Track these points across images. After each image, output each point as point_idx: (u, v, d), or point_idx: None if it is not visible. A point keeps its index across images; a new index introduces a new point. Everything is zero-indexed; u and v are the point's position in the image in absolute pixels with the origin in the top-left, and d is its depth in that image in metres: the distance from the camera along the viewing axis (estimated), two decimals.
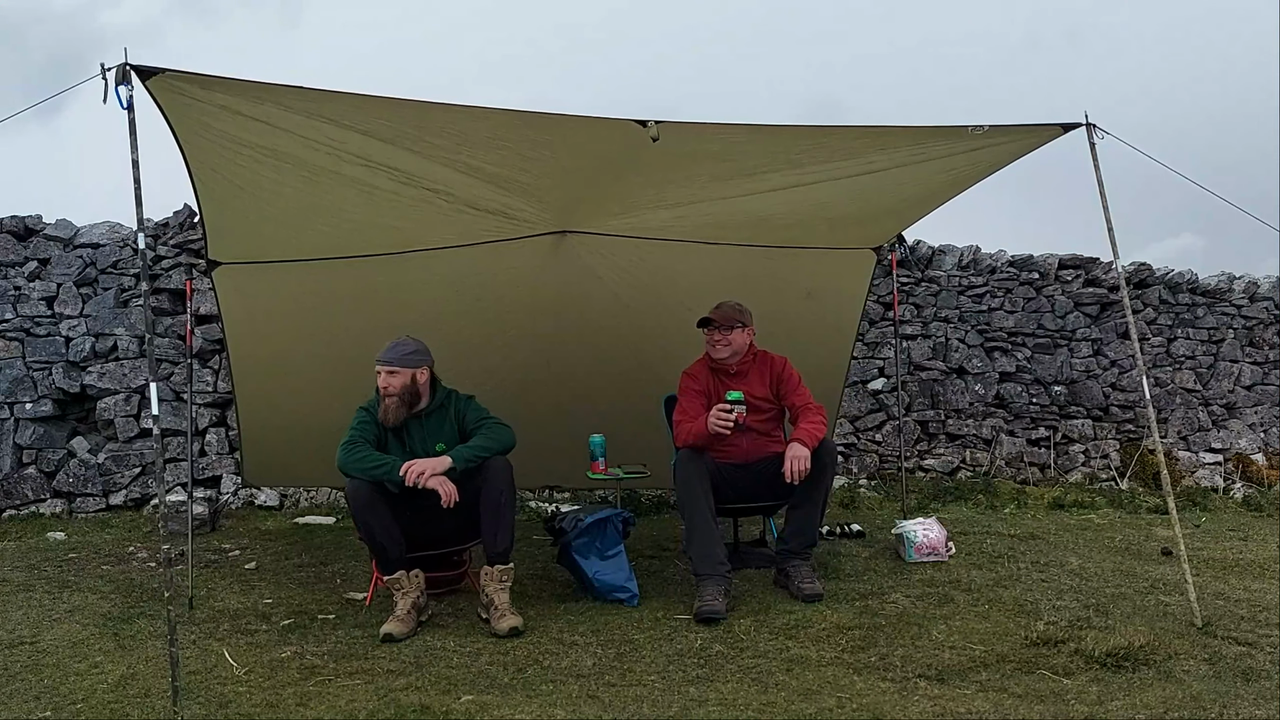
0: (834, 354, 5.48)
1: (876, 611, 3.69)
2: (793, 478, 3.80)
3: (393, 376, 3.83)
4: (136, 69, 2.68)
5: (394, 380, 3.82)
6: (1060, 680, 2.96)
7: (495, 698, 2.89)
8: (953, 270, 7.42)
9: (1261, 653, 3.19)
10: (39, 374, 6.19)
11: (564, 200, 4.16)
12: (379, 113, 3.15)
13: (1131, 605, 3.76)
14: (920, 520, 4.69)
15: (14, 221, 6.30)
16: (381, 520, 3.64)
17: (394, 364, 3.83)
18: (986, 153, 3.77)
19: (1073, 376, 7.50)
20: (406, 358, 3.85)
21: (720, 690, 2.92)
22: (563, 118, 3.19)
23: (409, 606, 3.61)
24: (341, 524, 5.70)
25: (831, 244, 4.94)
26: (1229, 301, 8.02)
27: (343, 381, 4.36)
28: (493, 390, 4.47)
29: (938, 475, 7.08)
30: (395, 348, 3.87)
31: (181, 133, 3.17)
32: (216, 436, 6.28)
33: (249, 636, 3.56)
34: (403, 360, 3.84)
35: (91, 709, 2.86)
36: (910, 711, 2.73)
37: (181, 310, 6.15)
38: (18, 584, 4.37)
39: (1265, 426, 7.93)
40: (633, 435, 4.97)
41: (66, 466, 6.14)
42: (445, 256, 4.42)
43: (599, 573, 3.94)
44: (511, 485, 3.78)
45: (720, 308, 4.25)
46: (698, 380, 4.25)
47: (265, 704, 2.87)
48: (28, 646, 3.44)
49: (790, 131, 3.55)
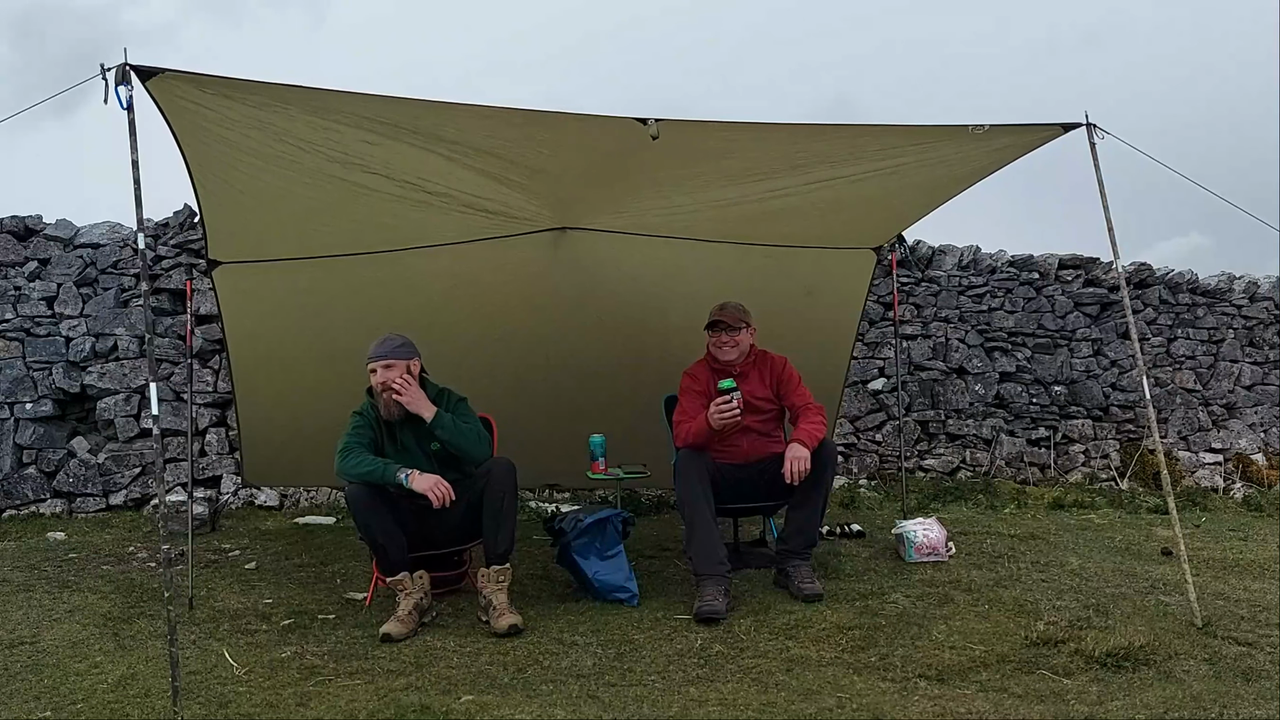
0: (834, 354, 5.47)
1: (876, 611, 3.69)
2: (793, 478, 3.80)
3: (389, 370, 3.85)
4: (136, 69, 2.68)
5: (390, 374, 3.85)
6: (1060, 680, 2.96)
7: (495, 698, 2.89)
8: (953, 270, 7.42)
9: (1261, 653, 3.19)
10: (39, 374, 6.19)
11: (564, 197, 4.16)
12: (378, 111, 3.15)
13: (1131, 605, 3.76)
14: (920, 520, 4.69)
15: (14, 221, 6.31)
16: (382, 522, 3.65)
17: (388, 357, 3.87)
18: (987, 153, 3.77)
19: (1073, 376, 7.50)
20: (397, 350, 3.90)
21: (720, 690, 2.92)
22: (562, 116, 3.19)
23: (411, 607, 3.61)
24: (341, 524, 5.70)
25: (831, 244, 4.94)
26: (1229, 301, 8.02)
27: (343, 381, 4.35)
28: (493, 389, 4.47)
29: (938, 475, 7.08)
30: (385, 343, 3.91)
31: (181, 133, 3.18)
32: (216, 436, 6.28)
33: (249, 636, 3.56)
34: (394, 353, 3.88)
35: (91, 709, 2.86)
36: (910, 711, 2.73)
37: (181, 310, 6.15)
38: (18, 584, 4.37)
39: (1265, 426, 7.93)
40: (633, 435, 4.97)
41: (66, 466, 6.14)
42: (445, 254, 4.42)
43: (599, 573, 3.94)
44: (514, 487, 3.79)
45: (725, 309, 4.24)
46: (698, 380, 4.24)
47: (265, 704, 2.87)
48: (28, 646, 3.44)
49: (790, 130, 3.54)
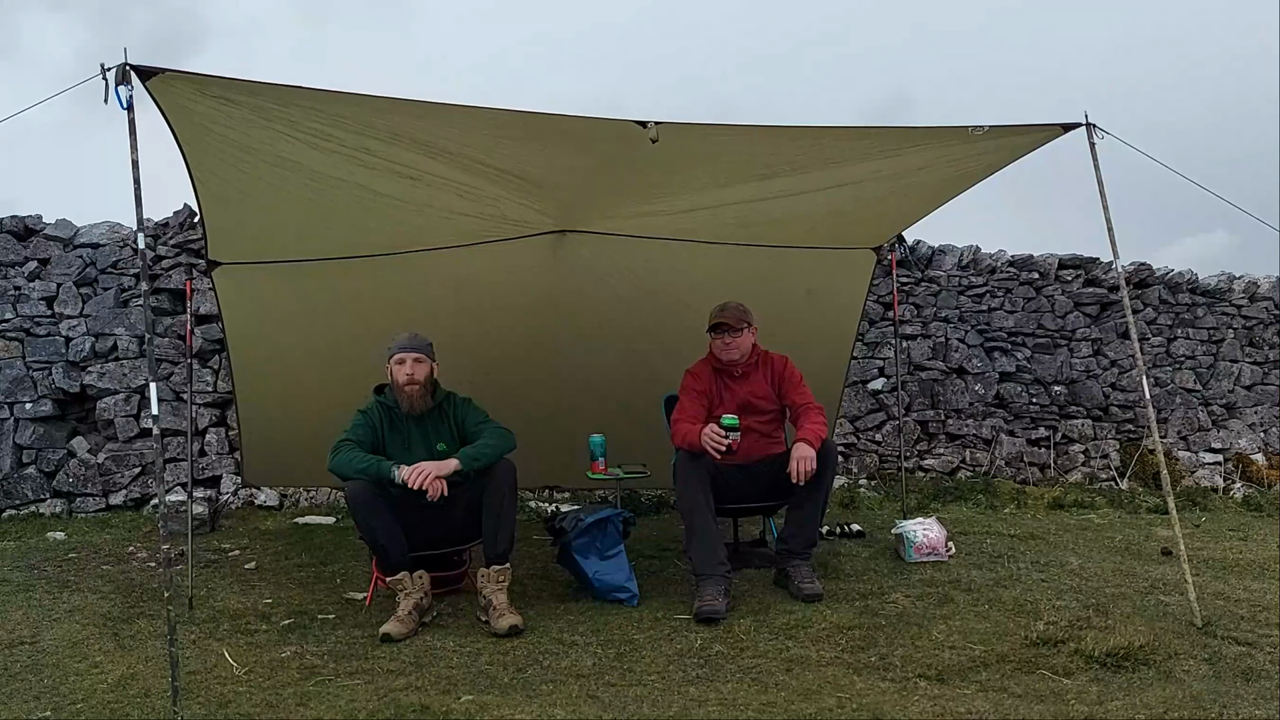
0: (834, 354, 5.48)
1: (876, 611, 3.69)
2: (799, 478, 3.80)
3: (419, 365, 3.88)
4: (136, 69, 2.68)
5: (420, 369, 3.88)
6: (1060, 680, 2.96)
7: (495, 698, 2.89)
8: (953, 270, 7.42)
9: (1261, 653, 3.19)
10: (39, 374, 6.19)
11: (564, 200, 4.16)
12: (379, 112, 3.15)
13: (1131, 605, 3.76)
14: (920, 520, 4.69)
15: (14, 221, 6.31)
16: (383, 521, 3.65)
17: (421, 351, 3.90)
18: (987, 153, 3.76)
19: (1073, 376, 7.50)
20: (428, 348, 3.94)
21: (720, 690, 2.92)
22: (563, 118, 3.18)
23: (411, 607, 3.61)
24: (341, 524, 5.70)
25: (831, 244, 4.94)
26: (1229, 301, 8.02)
27: (343, 381, 4.36)
28: (492, 390, 4.46)
29: (938, 475, 7.08)
30: (415, 337, 3.94)
31: (181, 133, 3.17)
32: (216, 436, 6.28)
33: (249, 636, 3.55)
34: (426, 349, 3.93)
35: (91, 709, 2.86)
36: (910, 711, 2.73)
37: (181, 310, 6.15)
38: (18, 584, 4.37)
39: (1265, 426, 7.93)
40: (633, 435, 4.97)
41: (66, 466, 6.14)
42: (446, 256, 4.42)
43: (599, 573, 3.94)
44: (514, 487, 3.79)
45: (727, 310, 4.23)
46: (700, 380, 4.24)
47: (265, 704, 2.87)
48: (28, 646, 3.44)
49: (790, 132, 3.54)
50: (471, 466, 3.71)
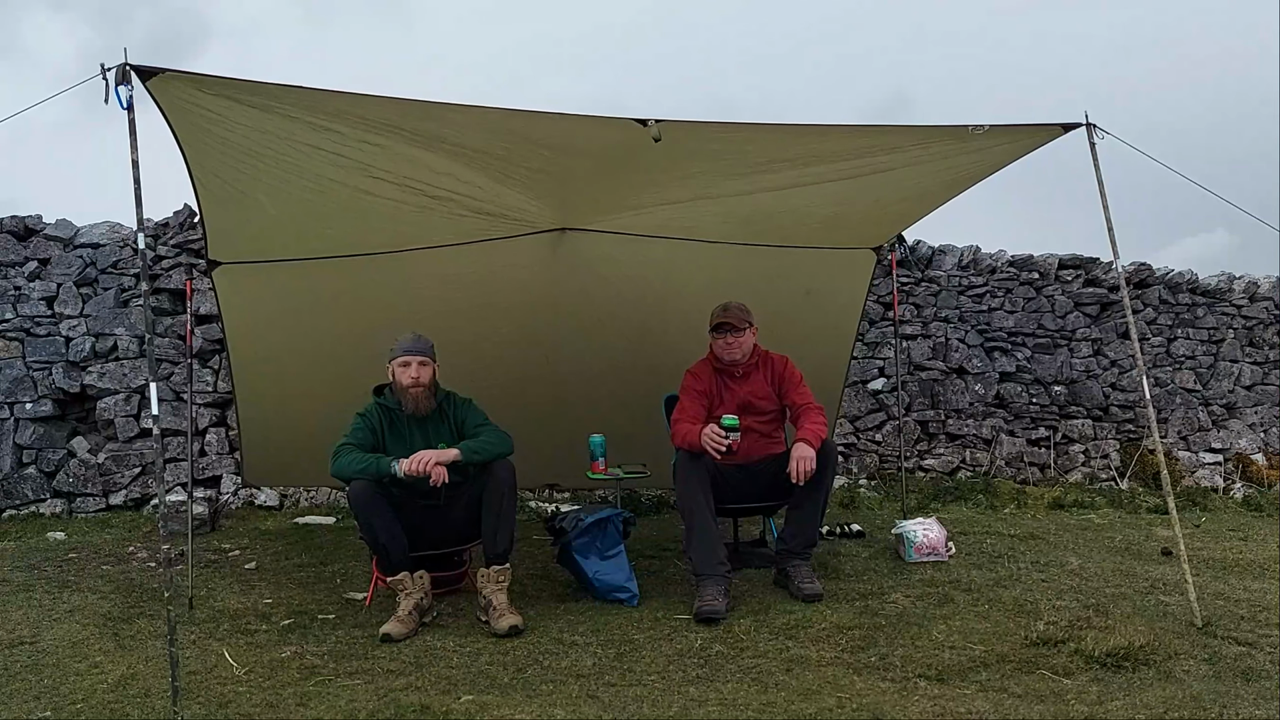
0: (834, 354, 5.48)
1: (876, 611, 3.69)
2: (799, 478, 3.80)
3: (424, 368, 3.89)
4: (136, 69, 2.68)
5: (425, 372, 3.89)
6: (1060, 680, 2.96)
7: (495, 698, 2.89)
8: (953, 270, 7.42)
9: (1261, 653, 3.19)
10: (39, 374, 6.19)
11: (564, 198, 4.16)
12: (378, 112, 3.15)
13: (1131, 605, 3.76)
14: (920, 520, 4.69)
15: (14, 221, 6.30)
16: (384, 521, 3.65)
17: (425, 354, 3.92)
18: (987, 153, 3.76)
19: (1073, 376, 7.50)
20: (431, 349, 3.95)
21: (720, 690, 2.92)
22: (564, 117, 3.18)
23: (411, 608, 3.61)
24: (341, 524, 5.70)
25: (831, 244, 4.94)
26: (1229, 301, 8.02)
27: (343, 381, 4.36)
28: (492, 389, 4.46)
29: (938, 475, 7.08)
30: (420, 339, 3.95)
31: (181, 133, 3.17)
32: (216, 436, 6.28)
33: (249, 636, 3.55)
34: (429, 352, 3.94)
35: (91, 709, 2.86)
36: (910, 711, 2.73)
37: (181, 310, 6.15)
38: (18, 584, 4.37)
39: (1265, 426, 7.93)
40: (633, 435, 4.97)
41: (66, 466, 6.14)
42: (445, 255, 4.42)
43: (599, 573, 3.94)
44: (514, 487, 3.80)
45: (729, 310, 4.23)
46: (701, 380, 4.24)
47: (265, 704, 2.87)
48: (28, 646, 3.44)
49: (791, 131, 3.54)
50: (471, 459, 3.72)
